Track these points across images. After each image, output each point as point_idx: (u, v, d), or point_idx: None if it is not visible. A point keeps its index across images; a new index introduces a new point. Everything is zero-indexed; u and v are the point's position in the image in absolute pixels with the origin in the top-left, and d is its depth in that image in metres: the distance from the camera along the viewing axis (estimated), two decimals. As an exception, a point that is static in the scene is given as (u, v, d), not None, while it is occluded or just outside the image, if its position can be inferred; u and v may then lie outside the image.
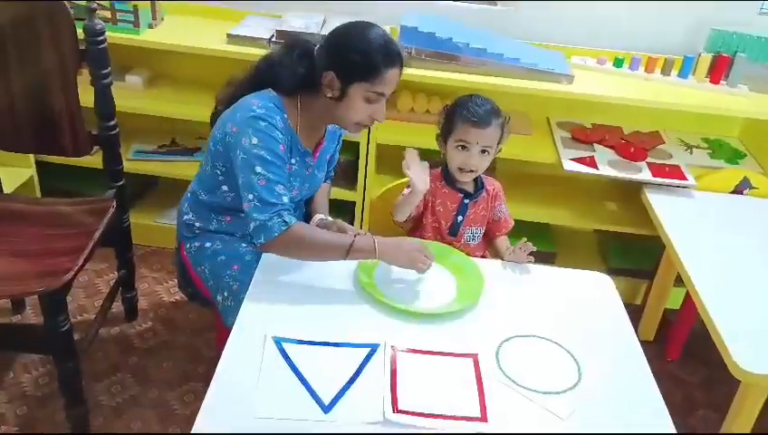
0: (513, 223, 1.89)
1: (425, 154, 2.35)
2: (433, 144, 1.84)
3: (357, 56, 1.56)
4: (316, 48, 1.64)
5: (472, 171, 1.75)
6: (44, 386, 2.06)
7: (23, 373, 2.10)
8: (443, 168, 1.82)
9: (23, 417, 1.96)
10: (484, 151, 1.72)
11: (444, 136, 1.78)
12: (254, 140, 1.55)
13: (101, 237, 1.89)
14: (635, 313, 2.47)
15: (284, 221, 1.53)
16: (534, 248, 1.69)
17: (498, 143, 1.76)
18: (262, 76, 1.67)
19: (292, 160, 1.68)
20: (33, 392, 2.04)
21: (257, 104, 1.59)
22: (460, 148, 1.73)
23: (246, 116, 1.57)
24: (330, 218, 1.83)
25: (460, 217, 1.80)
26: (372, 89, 1.59)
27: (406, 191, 1.73)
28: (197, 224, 1.79)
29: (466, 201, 1.80)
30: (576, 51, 2.61)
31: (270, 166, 1.55)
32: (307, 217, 1.86)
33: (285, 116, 1.63)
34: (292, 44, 1.69)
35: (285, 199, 1.56)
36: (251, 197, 1.54)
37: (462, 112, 1.72)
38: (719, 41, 2.49)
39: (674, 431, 1.27)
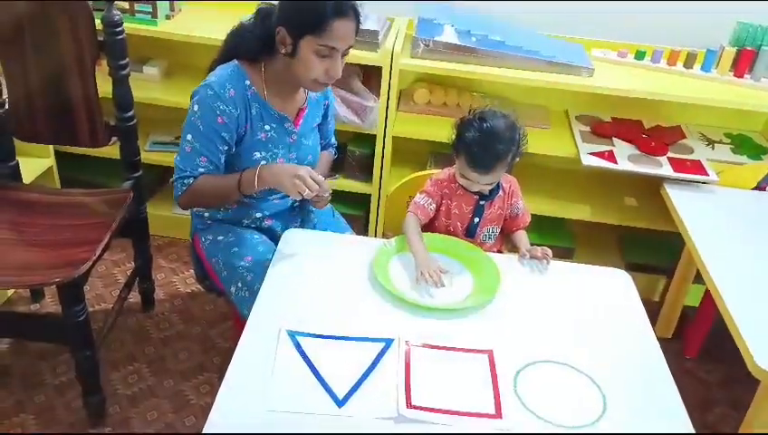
0: (530, 218, 1.86)
1: (441, 147, 2.32)
2: (449, 137, 1.80)
3: (304, 9, 1.53)
4: None
5: None
6: (62, 374, 2.08)
7: (40, 362, 2.12)
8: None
9: (40, 405, 1.98)
10: (487, 184, 1.68)
11: (454, 150, 1.69)
12: (195, 108, 1.62)
13: (119, 228, 1.90)
14: (653, 309, 2.45)
15: (184, 183, 1.65)
16: (551, 255, 1.67)
17: (512, 160, 1.67)
18: (228, 48, 1.69)
19: (266, 127, 1.68)
20: (51, 381, 2.06)
21: (215, 74, 1.63)
22: (463, 176, 1.68)
23: (200, 85, 1.62)
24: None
25: (477, 219, 1.75)
26: (321, 42, 1.53)
27: (418, 247, 1.61)
28: (206, 214, 1.81)
29: (482, 202, 1.74)
30: (597, 43, 2.58)
31: (200, 137, 1.62)
32: None
33: (248, 83, 1.63)
34: (258, 10, 1.67)
35: (202, 170, 1.64)
36: (177, 158, 1.66)
37: (465, 149, 1.63)
38: (744, 34, 2.43)
39: (691, 429, 1.25)
